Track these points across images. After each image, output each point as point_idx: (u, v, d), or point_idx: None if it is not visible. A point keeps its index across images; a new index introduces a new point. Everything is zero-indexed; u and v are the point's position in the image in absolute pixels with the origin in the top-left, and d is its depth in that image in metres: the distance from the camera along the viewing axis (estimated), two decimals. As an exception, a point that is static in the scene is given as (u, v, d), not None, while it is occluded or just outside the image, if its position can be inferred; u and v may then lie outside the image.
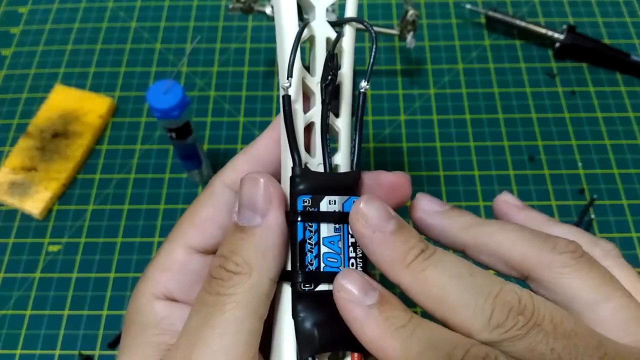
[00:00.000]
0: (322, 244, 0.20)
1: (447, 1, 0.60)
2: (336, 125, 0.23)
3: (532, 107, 0.53)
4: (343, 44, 0.23)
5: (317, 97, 0.22)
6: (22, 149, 0.51)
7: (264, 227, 0.20)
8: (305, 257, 0.20)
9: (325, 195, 0.20)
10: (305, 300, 0.20)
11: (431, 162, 0.50)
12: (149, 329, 0.21)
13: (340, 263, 0.20)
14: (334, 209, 0.20)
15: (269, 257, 0.20)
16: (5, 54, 0.58)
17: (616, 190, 0.49)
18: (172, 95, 0.40)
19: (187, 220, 0.23)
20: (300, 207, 0.20)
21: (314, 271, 0.20)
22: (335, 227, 0.20)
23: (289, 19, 0.22)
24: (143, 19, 0.60)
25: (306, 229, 0.20)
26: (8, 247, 0.47)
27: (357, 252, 0.21)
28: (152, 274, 0.22)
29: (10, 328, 0.44)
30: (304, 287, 0.20)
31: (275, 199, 0.20)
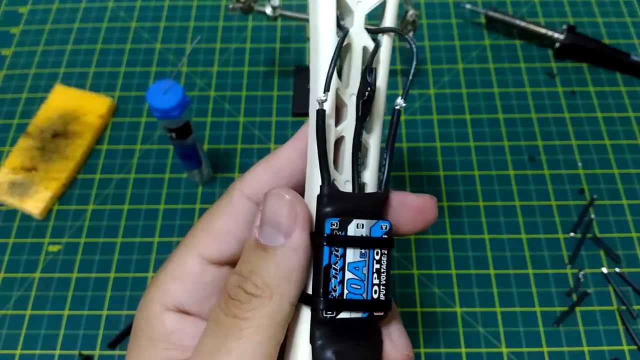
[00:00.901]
0: (347, 270, 0.19)
1: (447, 1, 0.60)
2: (367, 142, 0.22)
3: (532, 107, 0.53)
4: (380, 55, 0.21)
5: (349, 110, 0.21)
6: (22, 149, 0.51)
7: (288, 248, 0.19)
8: (329, 283, 0.19)
9: (353, 218, 0.20)
10: (325, 327, 0.19)
11: (431, 162, 0.50)
12: (157, 342, 0.21)
13: (364, 290, 0.20)
14: (362, 234, 0.20)
15: (291, 281, 0.19)
16: (5, 54, 0.58)
17: (616, 190, 0.49)
18: (172, 95, 0.40)
19: (203, 230, 0.22)
20: (328, 230, 0.19)
21: (337, 298, 0.19)
22: (361, 252, 0.20)
23: (327, 25, 0.20)
24: (143, 19, 0.60)
25: (332, 253, 0.19)
26: (8, 247, 0.47)
27: (380, 279, 0.20)
28: (164, 283, 0.22)
29: (10, 328, 0.44)
30: (326, 315, 0.19)
31: (301, 218, 0.19)
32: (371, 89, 0.20)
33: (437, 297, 0.44)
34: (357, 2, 0.21)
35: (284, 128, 0.52)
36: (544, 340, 0.42)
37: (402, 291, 0.44)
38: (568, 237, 0.46)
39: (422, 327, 0.43)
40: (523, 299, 0.44)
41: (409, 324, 0.43)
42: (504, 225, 0.47)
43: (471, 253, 0.46)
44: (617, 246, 0.46)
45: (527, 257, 0.46)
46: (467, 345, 0.42)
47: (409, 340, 0.22)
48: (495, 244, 0.46)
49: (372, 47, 0.21)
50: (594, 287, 0.44)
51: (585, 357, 0.42)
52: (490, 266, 0.45)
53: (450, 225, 0.47)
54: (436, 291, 0.44)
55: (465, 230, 0.47)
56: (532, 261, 0.45)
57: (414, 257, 0.46)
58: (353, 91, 0.21)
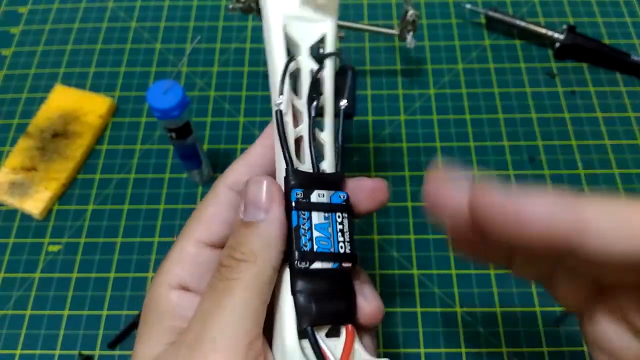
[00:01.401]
0: (314, 229, 0.23)
1: (447, 1, 0.60)
2: (321, 138, 0.27)
3: (532, 107, 0.53)
4: (324, 74, 0.27)
5: (304, 115, 0.26)
6: (22, 149, 0.51)
7: (268, 221, 0.23)
8: (300, 239, 0.23)
9: (315, 189, 0.24)
10: (303, 277, 0.23)
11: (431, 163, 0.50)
12: (164, 315, 0.24)
13: (331, 245, 0.23)
14: (323, 201, 0.24)
15: (272, 247, 0.23)
16: (5, 54, 0.58)
17: (616, 190, 0.49)
18: (172, 95, 0.40)
19: (195, 219, 0.26)
20: (294, 198, 0.23)
21: (308, 252, 0.23)
22: (324, 215, 0.24)
23: (278, 54, 0.26)
24: (143, 19, 0.60)
25: (300, 216, 0.23)
26: (8, 247, 0.47)
27: (345, 237, 0.24)
28: (167, 267, 0.25)
29: (10, 328, 0.44)
30: (300, 265, 0.23)
31: (276, 197, 0.23)
32: (316, 94, 0.26)
33: (437, 297, 0.44)
34: (302, 39, 0.27)
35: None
36: (544, 340, 0.42)
37: (402, 291, 0.44)
38: (568, 237, 0.46)
39: (422, 327, 0.43)
40: (523, 299, 0.44)
41: (409, 324, 0.43)
42: (504, 225, 0.47)
43: (471, 253, 0.46)
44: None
45: (527, 257, 0.46)
46: (467, 346, 0.42)
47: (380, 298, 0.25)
48: (495, 244, 0.46)
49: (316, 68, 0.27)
50: (594, 287, 0.44)
51: (585, 357, 0.42)
52: (490, 266, 0.45)
53: (450, 225, 0.47)
54: (436, 291, 0.44)
55: (465, 230, 0.47)
56: (532, 261, 0.45)
57: (414, 257, 0.46)
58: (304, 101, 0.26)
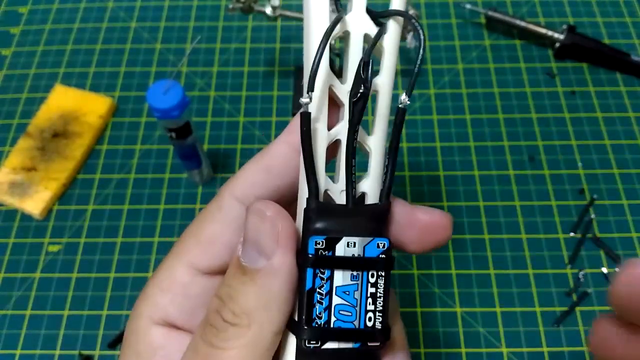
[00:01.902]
0: (334, 294, 0.17)
1: (447, 1, 0.60)
2: (367, 145, 0.19)
3: (532, 107, 0.53)
4: (384, 44, 0.19)
5: (346, 112, 0.18)
6: (22, 149, 0.51)
7: (269, 271, 0.17)
8: (313, 309, 0.17)
9: (343, 235, 0.17)
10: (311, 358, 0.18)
11: (431, 162, 0.50)
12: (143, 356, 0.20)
13: (356, 317, 0.18)
14: (353, 253, 0.17)
15: (273, 308, 0.17)
16: (5, 54, 0.58)
17: (616, 190, 0.49)
18: (172, 95, 0.40)
19: (192, 237, 0.20)
20: (312, 250, 0.17)
21: (322, 326, 0.17)
22: (352, 274, 0.17)
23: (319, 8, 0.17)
24: (143, 19, 0.60)
25: (317, 275, 0.17)
26: (8, 247, 0.47)
27: (376, 305, 0.18)
28: (152, 294, 0.20)
29: (10, 328, 0.44)
30: (309, 345, 0.17)
31: (284, 237, 0.17)
32: (365, 87, 0.17)
33: (437, 297, 0.44)
34: None
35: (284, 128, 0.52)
36: (544, 340, 0.42)
37: (402, 291, 0.44)
38: (568, 237, 0.46)
39: (422, 327, 0.43)
40: (523, 299, 0.44)
41: (409, 324, 0.43)
42: (504, 225, 0.47)
43: (471, 253, 0.46)
44: (617, 246, 0.46)
45: (527, 257, 0.46)
46: (467, 345, 0.42)
47: None
48: (495, 244, 0.46)
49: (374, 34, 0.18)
50: (594, 287, 0.44)
51: (585, 357, 0.42)
52: (490, 266, 0.45)
53: (450, 225, 0.47)
54: (436, 291, 0.44)
55: (465, 231, 0.47)
56: (532, 261, 0.45)
57: (414, 257, 0.46)
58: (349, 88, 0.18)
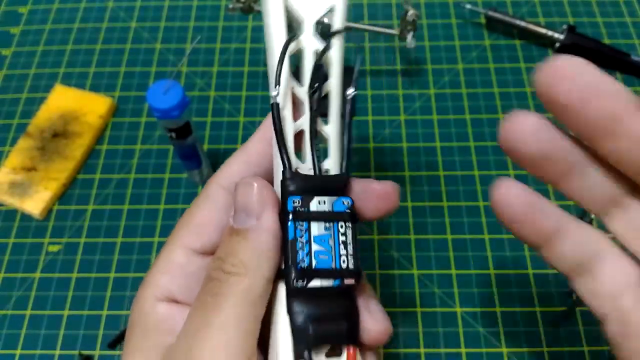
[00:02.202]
0: (313, 242, 0.21)
1: (447, 1, 0.60)
2: (325, 132, 0.23)
3: (532, 107, 0.53)
4: (331, 55, 0.24)
5: (305, 106, 0.23)
6: (22, 149, 0.51)
7: (258, 228, 0.21)
8: (297, 254, 0.21)
9: (314, 195, 0.21)
10: (299, 296, 0.21)
11: (431, 162, 0.50)
12: (151, 330, 0.22)
13: (332, 260, 0.21)
14: (324, 209, 0.21)
15: (264, 258, 0.20)
16: (5, 54, 0.58)
17: (616, 190, 0.49)
18: (172, 95, 0.40)
19: (185, 223, 0.24)
20: (291, 207, 0.21)
21: (306, 268, 0.20)
22: (325, 225, 0.21)
23: (277, 32, 0.23)
24: (143, 19, 0.60)
25: (297, 227, 0.21)
26: (8, 247, 0.47)
27: (347, 250, 0.21)
28: (153, 278, 0.23)
29: (10, 328, 0.44)
30: (297, 284, 0.20)
31: (269, 201, 0.21)
32: (319, 83, 0.23)
33: (437, 297, 0.44)
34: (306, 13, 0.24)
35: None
36: (544, 340, 0.42)
37: (402, 291, 0.44)
38: (568, 237, 0.46)
39: (422, 327, 0.43)
40: (523, 299, 0.44)
41: (409, 324, 0.43)
42: (504, 225, 0.47)
43: (471, 253, 0.46)
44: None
45: (527, 257, 0.46)
46: (467, 345, 0.42)
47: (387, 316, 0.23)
48: (495, 244, 0.46)
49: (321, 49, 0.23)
50: (594, 287, 0.44)
51: (585, 357, 0.42)
52: (490, 266, 0.45)
53: (450, 225, 0.47)
54: (436, 291, 0.44)
55: (465, 230, 0.47)
56: (532, 261, 0.45)
57: (414, 257, 0.46)
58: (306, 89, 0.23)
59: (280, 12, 0.23)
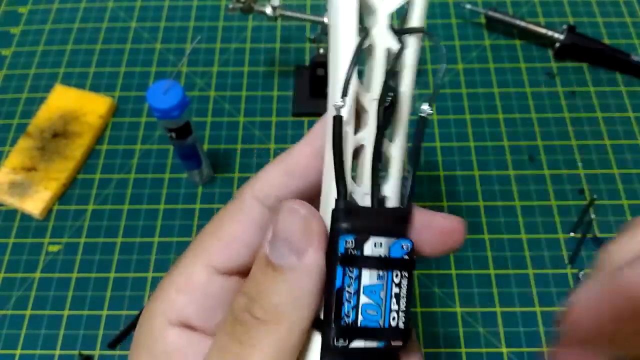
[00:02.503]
0: (362, 294, 0.18)
1: (447, 1, 0.60)
2: (389, 152, 0.20)
3: (532, 107, 0.53)
4: (405, 59, 0.20)
5: (370, 117, 0.19)
6: (22, 149, 0.51)
7: (301, 269, 0.17)
8: (342, 307, 0.17)
9: (370, 235, 0.18)
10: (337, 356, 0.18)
11: (431, 162, 0.50)
12: (159, 358, 0.19)
13: (381, 316, 0.18)
14: (380, 253, 0.18)
15: (303, 306, 0.17)
16: (5, 54, 0.58)
17: (616, 190, 0.49)
18: (172, 95, 0.40)
19: (212, 235, 0.20)
20: (342, 249, 0.17)
21: (350, 325, 0.17)
22: (378, 274, 0.18)
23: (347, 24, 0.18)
24: (143, 19, 0.60)
25: (346, 274, 0.17)
26: (8, 247, 0.47)
27: (400, 305, 0.18)
28: (168, 294, 0.20)
29: (10, 328, 0.44)
30: (337, 344, 0.17)
31: (316, 236, 0.17)
32: (393, 95, 0.19)
33: (437, 297, 0.44)
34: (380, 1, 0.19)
35: (284, 128, 0.52)
36: (544, 340, 0.42)
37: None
38: (568, 237, 0.46)
39: (422, 327, 0.43)
40: (523, 299, 0.44)
41: (409, 324, 0.43)
42: (504, 225, 0.47)
43: (471, 253, 0.46)
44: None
45: (527, 257, 0.46)
46: (467, 345, 0.42)
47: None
48: (495, 244, 0.46)
49: (397, 49, 0.19)
50: (594, 287, 0.44)
51: (585, 357, 0.42)
52: (490, 266, 0.45)
53: (450, 225, 0.47)
54: (436, 291, 0.44)
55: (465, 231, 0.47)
56: (532, 261, 0.45)
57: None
58: (375, 96, 0.19)
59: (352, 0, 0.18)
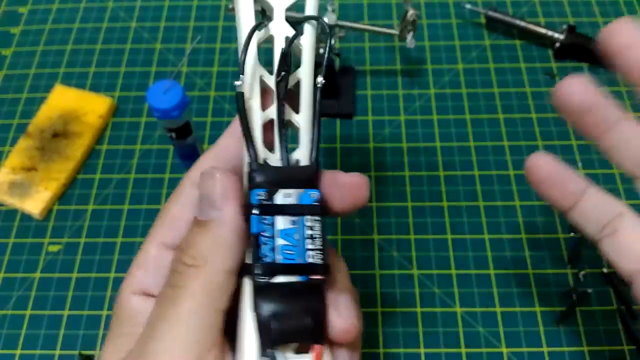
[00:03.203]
0: (278, 237, 0.20)
1: (447, 1, 0.60)
2: (296, 121, 0.23)
3: (532, 107, 0.53)
4: (302, 42, 0.23)
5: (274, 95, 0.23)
6: (22, 149, 0.51)
7: (219, 220, 0.20)
8: (260, 249, 0.20)
9: (280, 188, 0.21)
10: (265, 292, 0.20)
11: (431, 162, 0.50)
12: (124, 322, 0.23)
13: (298, 255, 0.20)
14: (290, 202, 0.21)
15: (224, 250, 0.20)
16: (5, 54, 0.58)
17: (616, 190, 0.49)
18: (172, 95, 0.40)
19: (159, 219, 0.24)
20: (255, 200, 0.21)
21: (270, 263, 0.20)
22: (292, 219, 0.21)
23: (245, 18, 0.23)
24: (143, 19, 0.60)
25: (260, 222, 0.20)
26: (8, 247, 0.47)
27: (315, 244, 0.21)
28: (130, 271, 0.23)
29: (10, 328, 0.44)
30: (260, 279, 0.20)
31: (232, 193, 0.21)
32: (286, 70, 0.22)
33: (437, 297, 0.44)
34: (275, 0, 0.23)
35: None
36: (544, 340, 0.42)
37: (402, 291, 0.44)
38: (568, 237, 0.46)
39: (422, 327, 0.43)
40: (523, 299, 0.44)
41: (409, 324, 0.43)
42: (504, 225, 0.47)
43: (471, 253, 0.46)
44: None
45: (527, 257, 0.46)
46: (467, 345, 0.42)
47: (359, 312, 0.22)
48: (495, 244, 0.46)
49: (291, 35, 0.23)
50: (594, 287, 0.44)
51: (585, 357, 0.42)
52: (490, 266, 0.45)
53: (450, 225, 0.47)
54: (436, 291, 0.44)
55: (465, 230, 0.47)
56: (532, 261, 0.45)
57: (414, 257, 0.46)
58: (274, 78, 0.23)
59: None
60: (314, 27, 0.24)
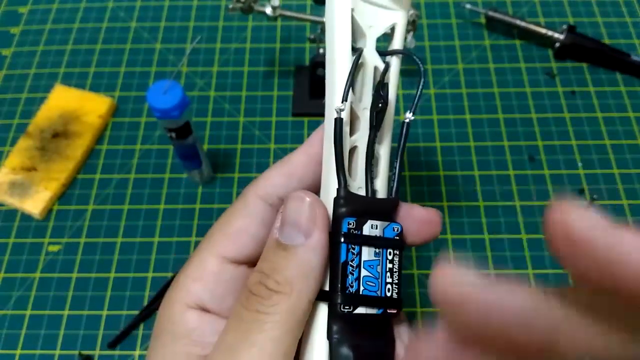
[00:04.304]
0: (362, 267, 0.20)
1: (447, 1, 0.60)
2: (378, 152, 0.23)
3: (532, 107, 0.53)
4: (389, 74, 0.24)
5: (362, 122, 0.23)
6: (22, 149, 0.51)
7: (308, 247, 0.20)
8: (347, 279, 0.20)
9: (368, 219, 0.21)
10: (342, 322, 0.20)
11: (431, 162, 0.50)
12: (179, 338, 0.21)
13: (378, 287, 0.21)
14: (376, 234, 0.21)
15: (310, 278, 0.20)
16: (5, 54, 0.58)
17: (616, 190, 0.49)
18: (172, 95, 0.40)
19: (220, 231, 0.23)
20: (345, 228, 0.20)
21: (354, 293, 0.20)
22: (375, 251, 0.21)
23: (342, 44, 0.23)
24: (143, 19, 0.60)
25: (349, 250, 0.20)
26: (8, 247, 0.47)
27: (393, 278, 0.21)
28: (185, 283, 0.22)
29: (10, 328, 0.44)
30: (344, 309, 0.20)
31: (320, 219, 0.20)
32: (384, 102, 0.23)
33: (437, 297, 0.44)
34: (369, 27, 0.24)
35: (284, 128, 0.52)
36: (544, 340, 0.42)
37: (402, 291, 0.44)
38: (568, 237, 0.46)
39: (422, 327, 0.43)
40: (523, 299, 0.44)
41: (409, 324, 0.43)
42: (504, 225, 0.47)
43: (471, 253, 0.46)
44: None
45: (527, 257, 0.46)
46: (467, 345, 0.42)
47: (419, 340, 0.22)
48: (495, 244, 0.46)
49: (382, 67, 0.23)
50: (594, 287, 0.44)
51: (585, 357, 0.41)
52: (490, 266, 0.45)
53: (450, 225, 0.47)
54: (436, 291, 0.44)
55: (465, 230, 0.47)
56: (532, 261, 0.45)
57: (414, 257, 0.46)
58: (365, 105, 0.23)
59: (346, 22, 0.23)
60: (399, 61, 0.24)
